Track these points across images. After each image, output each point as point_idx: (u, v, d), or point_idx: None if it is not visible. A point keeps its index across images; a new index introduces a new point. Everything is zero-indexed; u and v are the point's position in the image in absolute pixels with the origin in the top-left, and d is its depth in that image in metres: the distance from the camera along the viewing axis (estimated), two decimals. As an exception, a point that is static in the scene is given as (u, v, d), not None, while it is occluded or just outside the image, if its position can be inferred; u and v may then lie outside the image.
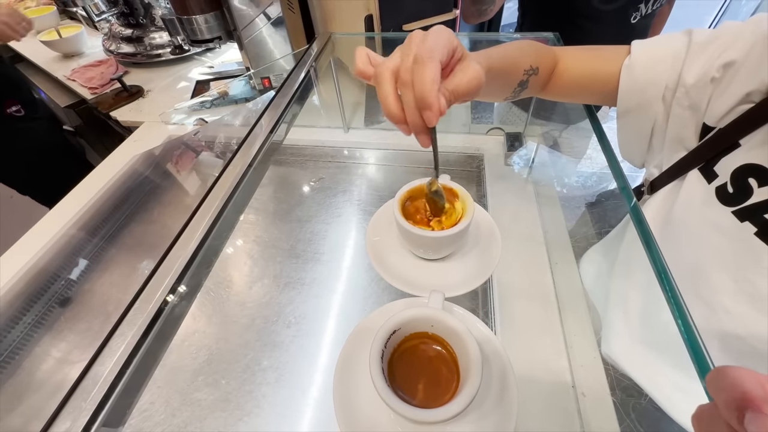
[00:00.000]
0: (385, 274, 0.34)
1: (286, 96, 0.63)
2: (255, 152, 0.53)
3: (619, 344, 0.47)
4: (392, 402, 0.22)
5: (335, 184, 0.80)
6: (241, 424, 0.50)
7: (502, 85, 0.41)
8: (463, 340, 0.25)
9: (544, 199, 0.69)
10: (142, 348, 0.34)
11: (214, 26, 0.90)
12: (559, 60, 0.44)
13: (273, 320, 0.60)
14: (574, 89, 0.45)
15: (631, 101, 0.40)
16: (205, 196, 0.46)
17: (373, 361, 0.23)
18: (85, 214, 0.77)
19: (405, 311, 0.27)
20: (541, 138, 0.82)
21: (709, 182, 0.35)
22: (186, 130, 0.94)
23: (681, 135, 0.38)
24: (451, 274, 0.35)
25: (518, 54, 0.41)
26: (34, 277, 0.67)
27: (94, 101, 1.11)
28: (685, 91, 0.36)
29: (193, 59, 1.26)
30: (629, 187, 0.39)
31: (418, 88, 0.26)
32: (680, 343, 0.29)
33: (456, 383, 0.25)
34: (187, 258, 0.39)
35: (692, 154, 0.38)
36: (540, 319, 0.53)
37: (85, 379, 0.32)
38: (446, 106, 0.27)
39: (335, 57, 0.81)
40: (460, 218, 0.33)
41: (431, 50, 0.26)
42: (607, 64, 0.41)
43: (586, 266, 0.57)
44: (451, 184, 0.36)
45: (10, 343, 0.59)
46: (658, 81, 0.38)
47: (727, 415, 0.15)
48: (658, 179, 0.43)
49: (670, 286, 0.30)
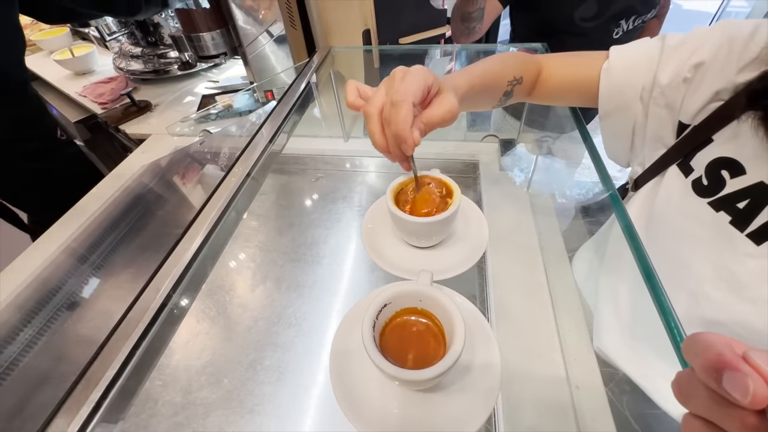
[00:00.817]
0: (378, 260, 0.36)
1: (286, 106, 0.66)
2: (255, 159, 0.55)
3: (610, 338, 0.48)
4: (382, 364, 0.23)
5: (336, 191, 0.83)
6: (243, 422, 0.51)
7: (488, 97, 0.44)
8: (448, 312, 0.26)
9: (537, 202, 0.71)
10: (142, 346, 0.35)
11: (220, 43, 0.95)
12: (542, 67, 0.47)
13: (274, 321, 0.61)
14: (558, 93, 0.48)
15: (611, 103, 0.43)
16: (206, 201, 0.49)
17: (366, 330, 0.25)
18: (94, 221, 0.79)
19: (395, 286, 0.28)
20: (535, 144, 0.84)
21: (686, 176, 0.37)
22: (191, 141, 0.97)
23: (660, 133, 0.41)
24: (441, 260, 0.37)
25: (501, 67, 0.44)
26: (42, 284, 0.69)
27: (104, 116, 1.15)
28: (660, 91, 0.38)
29: (199, 75, 1.31)
30: (613, 185, 0.41)
31: (394, 127, 0.31)
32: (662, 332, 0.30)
33: (442, 353, 0.27)
34: (187, 260, 0.41)
35: (671, 150, 0.40)
36: (534, 315, 0.54)
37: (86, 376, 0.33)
38: (419, 138, 0.32)
39: (335, 69, 0.84)
40: (448, 206, 0.36)
41: (405, 93, 0.31)
42: (587, 69, 0.44)
43: (577, 264, 0.59)
44: (440, 176, 0.39)
45: (20, 345, 0.60)
46: (635, 82, 0.40)
47: (704, 377, 0.16)
48: (641, 176, 0.45)
49: (650, 277, 0.32)
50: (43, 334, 0.62)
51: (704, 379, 0.16)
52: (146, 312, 0.35)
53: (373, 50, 0.82)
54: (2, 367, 0.58)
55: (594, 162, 0.43)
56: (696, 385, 0.17)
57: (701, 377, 0.16)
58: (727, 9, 2.82)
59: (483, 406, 0.26)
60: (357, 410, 0.27)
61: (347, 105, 0.36)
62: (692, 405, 0.18)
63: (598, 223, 0.60)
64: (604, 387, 0.45)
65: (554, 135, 0.86)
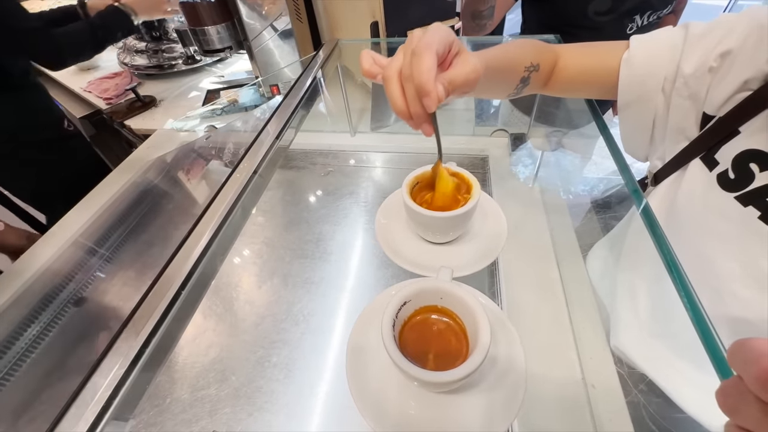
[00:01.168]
0: (393, 256, 0.35)
1: (293, 101, 0.65)
2: (262, 155, 0.54)
3: (627, 337, 0.46)
4: (403, 364, 0.22)
5: (342, 186, 0.82)
6: (251, 419, 0.50)
7: (504, 82, 0.42)
8: (471, 311, 0.25)
9: (549, 198, 0.70)
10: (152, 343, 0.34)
11: (225, 37, 0.94)
12: (559, 56, 0.45)
13: (282, 318, 0.60)
14: (576, 84, 0.46)
15: (631, 94, 0.41)
16: (213, 197, 0.48)
17: (386, 328, 0.24)
18: (100, 217, 0.79)
19: (415, 283, 0.27)
20: (546, 139, 0.83)
21: (710, 170, 0.36)
22: (197, 137, 0.97)
23: (682, 125, 0.39)
24: (458, 256, 0.36)
25: (519, 51, 0.42)
26: (48, 280, 0.69)
27: (109, 111, 1.15)
28: (683, 81, 0.37)
29: (204, 70, 1.30)
30: (634, 179, 0.40)
31: (416, 77, 0.28)
32: (689, 334, 0.29)
33: (465, 353, 0.26)
34: (196, 257, 0.40)
35: (694, 143, 0.39)
36: (548, 312, 0.53)
37: (95, 373, 0.32)
38: (444, 94, 0.29)
39: (342, 63, 0.83)
40: (466, 201, 0.34)
41: (428, 43, 0.28)
42: (607, 58, 0.42)
43: (592, 262, 0.57)
44: (457, 169, 0.37)
45: (27, 341, 0.60)
46: (657, 72, 0.38)
47: (757, 388, 0.15)
48: (661, 170, 0.43)
49: (679, 275, 0.30)
50: (50, 330, 0.62)
51: (757, 391, 0.15)
52: (156, 309, 0.34)
53: (381, 43, 0.81)
54: (11, 362, 0.57)
55: (613, 155, 0.42)
56: (745, 395, 0.16)
57: (753, 388, 0.15)
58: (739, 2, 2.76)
59: (506, 410, 0.25)
60: (373, 408, 0.26)
61: (363, 72, 0.33)
62: (740, 417, 0.16)
63: (611, 219, 0.58)
64: (621, 386, 0.44)
65: (565, 129, 0.84)
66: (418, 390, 0.27)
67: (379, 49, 0.82)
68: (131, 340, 0.34)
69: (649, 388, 0.44)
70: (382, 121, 0.92)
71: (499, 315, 0.31)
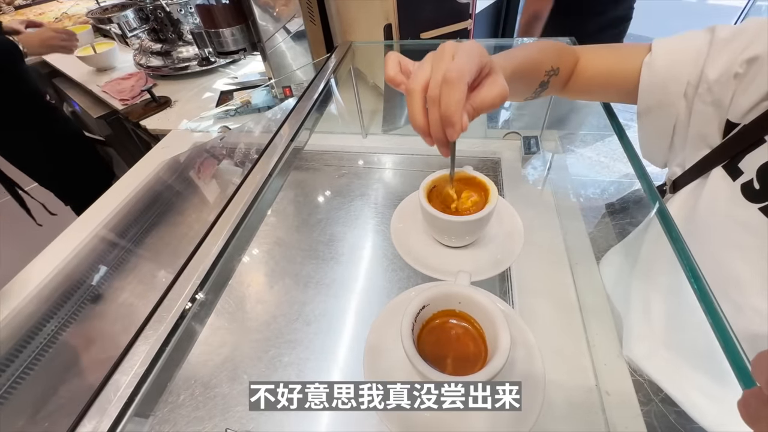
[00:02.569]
0: (410, 260, 0.35)
1: (308, 102, 0.65)
2: (277, 158, 0.54)
3: (641, 348, 0.46)
4: (423, 368, 0.23)
5: (354, 188, 0.82)
6: (263, 417, 0.51)
7: (524, 87, 0.42)
8: (490, 316, 0.25)
9: (562, 202, 0.69)
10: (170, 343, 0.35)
11: (239, 38, 0.95)
12: (579, 59, 0.45)
13: (293, 318, 0.61)
14: (594, 87, 0.45)
15: (652, 99, 0.40)
16: (229, 200, 0.48)
17: (405, 331, 0.24)
18: (116, 216, 0.80)
19: (434, 288, 0.27)
20: (559, 142, 0.82)
21: (734, 179, 0.35)
22: (211, 138, 0.98)
23: (704, 132, 0.38)
24: (475, 260, 0.36)
25: (540, 55, 0.42)
26: (66, 278, 0.71)
27: (125, 111, 1.17)
28: (707, 87, 0.36)
29: (218, 71, 1.32)
30: (653, 186, 0.39)
31: (444, 108, 0.28)
32: (707, 345, 0.28)
33: (483, 358, 0.26)
34: (213, 259, 0.41)
35: (716, 151, 0.38)
36: (561, 318, 0.52)
37: (117, 371, 0.33)
38: (468, 123, 0.29)
39: (354, 66, 0.83)
40: (483, 205, 0.34)
41: (461, 71, 0.27)
42: (627, 61, 0.42)
43: (606, 268, 0.57)
44: (474, 173, 0.37)
45: (44, 338, 0.62)
46: (679, 77, 0.38)
47: None
48: (680, 178, 0.43)
49: (699, 284, 0.30)
50: (67, 327, 0.64)
51: None
52: (173, 310, 0.35)
53: (395, 45, 0.81)
54: (30, 356, 0.59)
55: (630, 160, 0.41)
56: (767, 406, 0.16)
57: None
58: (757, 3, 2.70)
59: (524, 419, 0.25)
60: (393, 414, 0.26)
61: (387, 79, 0.32)
62: (761, 427, 0.16)
63: (627, 225, 0.58)
64: (636, 393, 0.44)
65: (579, 133, 0.83)
66: (434, 394, 0.27)
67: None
68: (151, 338, 0.34)
69: (664, 396, 0.43)
70: (394, 123, 0.92)
71: (517, 321, 0.31)
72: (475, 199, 0.36)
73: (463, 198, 0.36)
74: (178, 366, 0.36)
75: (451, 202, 0.36)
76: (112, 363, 0.33)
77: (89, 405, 0.31)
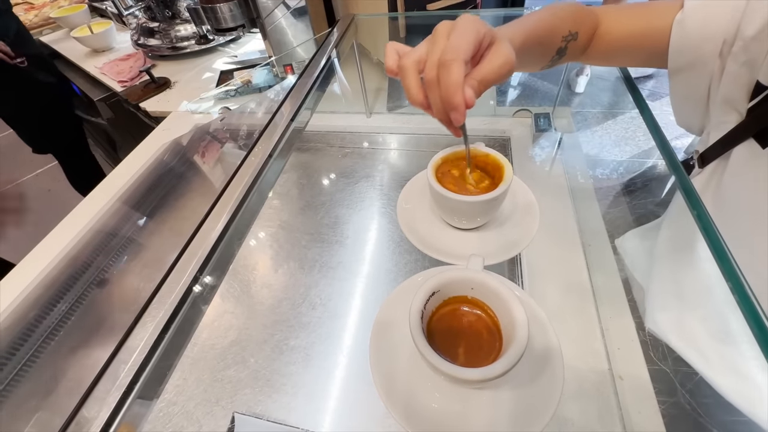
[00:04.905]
0: (418, 243, 0.34)
1: (308, 80, 0.62)
2: (277, 138, 0.52)
3: (665, 319, 0.44)
4: (433, 359, 0.21)
5: (358, 169, 0.80)
6: (270, 401, 0.51)
7: (539, 55, 0.39)
8: (505, 302, 0.24)
9: (575, 182, 0.67)
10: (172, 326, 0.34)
11: (237, 14, 0.91)
12: (601, 20, 0.41)
13: (299, 302, 0.60)
14: (618, 51, 0.42)
15: (684, 59, 0.37)
16: (229, 181, 0.47)
17: (414, 320, 0.23)
18: (119, 199, 0.80)
19: (445, 272, 0.26)
20: (571, 119, 0.79)
21: (763, 147, 0.33)
22: (211, 119, 0.96)
23: (732, 95, 0.35)
24: (487, 243, 0.34)
25: (554, 20, 0.38)
26: (71, 262, 0.71)
27: (124, 93, 1.14)
28: (743, 44, 0.33)
29: (217, 50, 1.28)
30: (677, 160, 0.37)
31: (444, 91, 0.27)
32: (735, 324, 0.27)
33: (498, 347, 0.24)
34: (213, 240, 0.40)
35: (746, 121, 0.35)
36: (573, 301, 0.51)
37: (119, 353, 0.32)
38: (473, 98, 0.27)
39: (358, 41, 0.80)
40: (497, 184, 0.32)
41: (456, 50, 0.26)
42: (656, 20, 0.38)
43: (627, 243, 0.54)
44: (487, 150, 0.35)
45: (49, 324, 0.62)
46: (715, 34, 0.34)
47: None
48: (710, 149, 0.40)
49: (728, 263, 0.28)
50: (75, 310, 0.64)
51: None
52: (173, 293, 0.34)
53: (399, 18, 0.77)
54: (38, 341, 0.59)
55: (652, 133, 0.39)
56: None
57: None
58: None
59: (541, 410, 0.24)
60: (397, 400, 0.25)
61: (387, 71, 0.31)
62: None
63: (645, 204, 0.55)
64: (650, 378, 0.42)
65: (593, 109, 0.80)
66: (444, 383, 0.25)
67: (397, 25, 0.78)
68: (153, 321, 0.34)
69: (681, 380, 0.42)
70: (400, 102, 0.89)
71: (534, 308, 0.29)
72: (488, 177, 0.34)
73: (474, 176, 0.34)
74: (181, 348, 0.36)
75: (462, 181, 0.34)
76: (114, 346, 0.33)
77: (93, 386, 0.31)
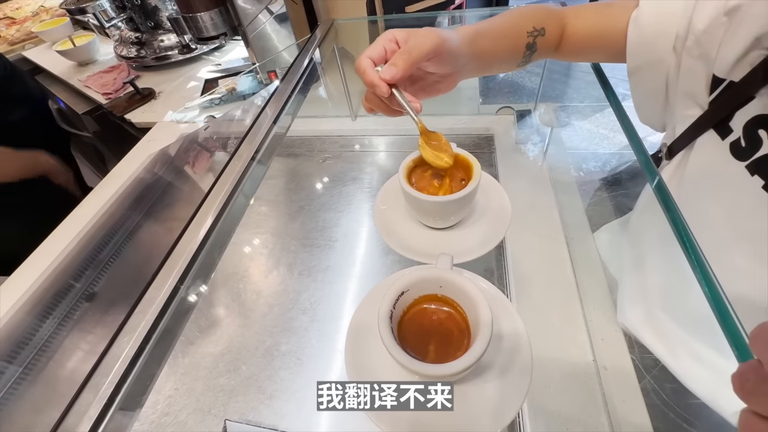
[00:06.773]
0: (393, 244, 0.34)
1: (289, 85, 0.63)
2: (259, 142, 0.53)
3: (635, 313, 0.45)
4: (401, 358, 0.22)
5: (345, 172, 0.80)
6: (263, 407, 0.51)
7: (509, 50, 0.40)
8: (472, 299, 0.24)
9: (558, 176, 0.68)
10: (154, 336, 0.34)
11: (219, 23, 0.91)
12: (568, 19, 0.43)
13: (289, 307, 0.61)
14: (586, 49, 0.43)
15: (641, 56, 0.38)
16: (211, 186, 0.47)
17: (382, 321, 0.23)
18: (107, 212, 0.79)
19: (413, 272, 0.26)
20: (553, 115, 0.80)
21: (722, 138, 0.34)
22: (197, 128, 0.96)
23: (692, 89, 0.36)
24: (460, 241, 0.35)
25: (517, 17, 0.41)
26: (59, 275, 0.70)
27: (109, 106, 1.14)
28: (695, 39, 0.34)
29: (201, 59, 1.28)
30: (648, 155, 0.37)
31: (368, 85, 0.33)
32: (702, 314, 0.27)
33: (467, 343, 0.25)
34: (195, 247, 0.40)
35: (708, 112, 0.36)
36: (557, 294, 0.52)
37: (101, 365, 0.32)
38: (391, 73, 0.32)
39: (339, 45, 0.80)
40: (467, 183, 0.33)
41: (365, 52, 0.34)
42: (617, 19, 0.39)
43: (602, 236, 0.56)
44: (457, 150, 0.36)
45: (42, 337, 0.61)
46: (668, 30, 0.35)
47: None
48: (676, 142, 0.41)
49: (695, 255, 0.29)
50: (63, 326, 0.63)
51: None
52: (155, 303, 0.34)
53: (378, 21, 0.77)
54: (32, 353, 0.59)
55: (623, 128, 0.39)
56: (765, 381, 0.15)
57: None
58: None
59: (514, 396, 0.24)
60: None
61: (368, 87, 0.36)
62: (757, 402, 0.15)
63: (623, 197, 0.56)
64: (634, 367, 0.43)
65: (573, 105, 0.81)
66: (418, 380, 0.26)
67: (377, 28, 0.79)
68: (134, 332, 0.34)
69: (662, 373, 0.43)
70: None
71: (501, 300, 0.30)
72: (459, 176, 0.35)
73: (447, 176, 0.34)
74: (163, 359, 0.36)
75: (434, 181, 0.34)
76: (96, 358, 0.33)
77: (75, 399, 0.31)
